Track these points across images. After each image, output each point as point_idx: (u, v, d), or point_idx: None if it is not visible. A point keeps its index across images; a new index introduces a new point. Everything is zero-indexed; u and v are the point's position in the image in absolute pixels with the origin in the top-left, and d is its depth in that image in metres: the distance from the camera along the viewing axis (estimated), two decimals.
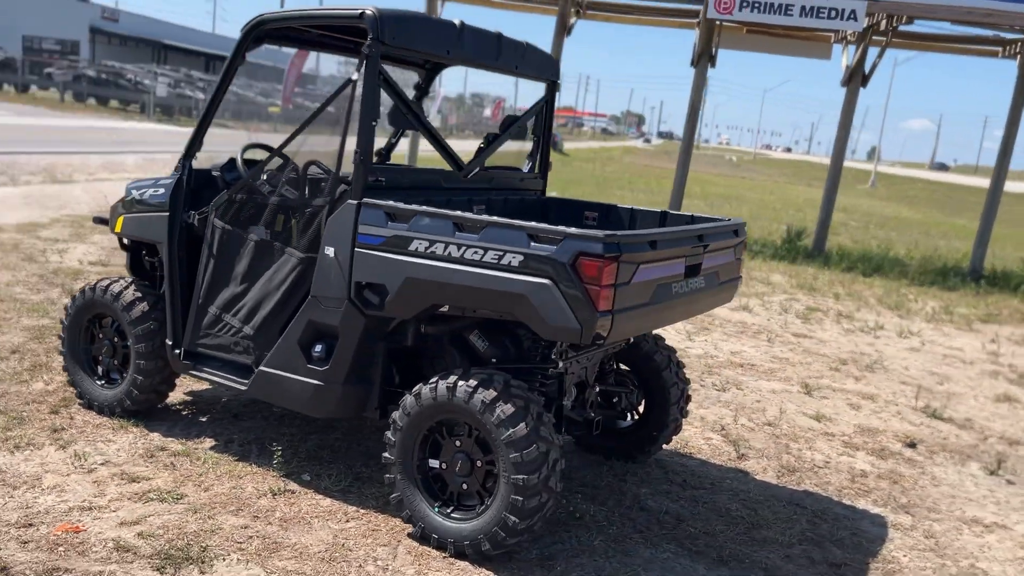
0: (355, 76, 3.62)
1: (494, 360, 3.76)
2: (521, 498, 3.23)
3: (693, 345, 7.51)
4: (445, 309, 3.66)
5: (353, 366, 3.70)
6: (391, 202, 3.51)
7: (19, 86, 36.68)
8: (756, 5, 13.28)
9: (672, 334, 7.77)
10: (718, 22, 14.18)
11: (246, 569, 3.17)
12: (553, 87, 4.72)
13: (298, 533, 3.48)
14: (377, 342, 3.76)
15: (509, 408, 3.27)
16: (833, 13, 13.11)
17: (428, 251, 3.36)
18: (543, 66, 4.62)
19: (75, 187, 13.12)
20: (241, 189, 4.00)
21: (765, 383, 6.59)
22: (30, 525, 3.30)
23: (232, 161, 4.26)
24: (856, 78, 14.15)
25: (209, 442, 4.29)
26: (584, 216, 4.73)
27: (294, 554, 3.31)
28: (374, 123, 3.61)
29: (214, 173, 4.25)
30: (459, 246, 3.29)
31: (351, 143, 3.60)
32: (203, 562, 3.17)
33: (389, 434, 3.52)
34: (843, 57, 14.88)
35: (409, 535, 3.53)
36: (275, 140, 4.26)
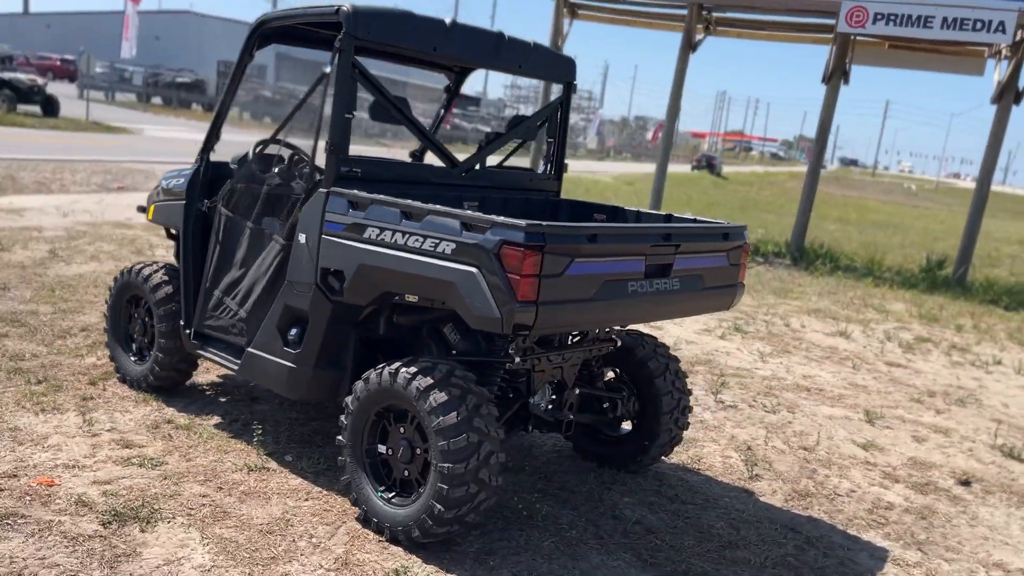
0: (327, 69, 3.77)
1: (463, 353, 3.78)
2: (447, 487, 3.23)
3: (763, 367, 7.17)
4: (414, 299, 3.71)
5: (323, 351, 3.83)
6: (354, 191, 3.62)
7: (206, 105, 40.04)
8: (892, 18, 12.58)
9: (745, 355, 7.47)
10: (853, 37, 13.54)
11: (184, 532, 3.34)
12: (569, 88, 4.70)
13: (252, 506, 3.63)
14: (348, 329, 3.87)
15: (442, 396, 3.28)
16: (979, 25, 12.23)
17: (378, 238, 3.45)
18: (554, 67, 4.61)
19: None
20: (241, 179, 4.24)
21: (826, 408, 6.20)
22: (14, 476, 3.62)
23: (247, 154, 4.52)
24: (1008, 95, 13.08)
25: (216, 420, 4.54)
26: (592, 217, 4.66)
27: (237, 524, 3.46)
28: (348, 116, 3.74)
29: (232, 165, 4.52)
30: (403, 234, 3.36)
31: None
32: (147, 522, 3.37)
33: (343, 417, 3.62)
34: (995, 73, 13.79)
35: (356, 518, 3.60)
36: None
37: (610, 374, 4.52)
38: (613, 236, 3.36)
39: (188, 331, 4.45)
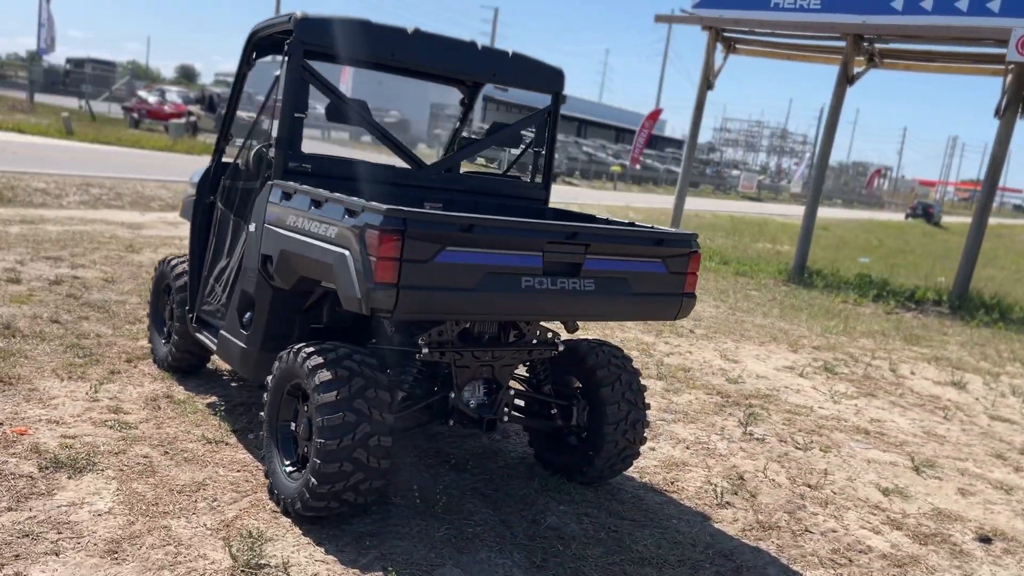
0: (277, 72, 4.07)
1: (382, 341, 3.92)
2: (319, 462, 3.37)
3: (829, 407, 6.69)
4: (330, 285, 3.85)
5: (268, 334, 4.10)
6: (289, 183, 3.88)
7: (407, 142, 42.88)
8: None
9: (814, 394, 7.01)
10: None
11: (105, 483, 3.69)
12: (557, 98, 4.74)
13: (183, 470, 3.93)
14: (293, 315, 4.12)
15: (326, 375, 3.44)
16: None
17: (294, 225, 3.68)
18: (537, 76, 4.66)
19: None
20: (229, 176, 4.64)
21: (874, 452, 5.70)
22: (1, 424, 4.15)
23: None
24: None
25: (211, 399, 4.93)
26: None
27: (157, 482, 3.77)
28: (299, 115, 4.02)
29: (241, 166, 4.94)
30: (310, 220, 3.57)
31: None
32: (78, 470, 3.75)
33: (265, 394, 3.85)
34: None
35: (267, 488, 3.81)
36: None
37: (578, 384, 4.46)
38: (495, 228, 3.38)
39: (191, 316, 4.89)
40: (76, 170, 14.62)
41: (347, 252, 3.26)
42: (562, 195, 20.92)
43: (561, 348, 4.20)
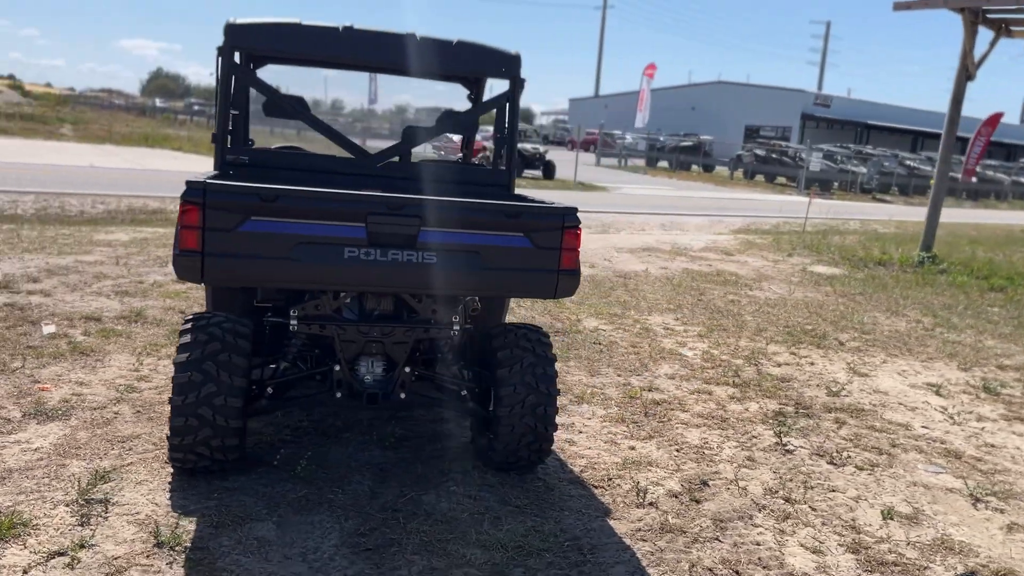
0: (210, 73, 4.52)
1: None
2: (171, 415, 3.72)
3: (952, 430, 5.67)
4: None
5: (215, 309, 4.55)
6: (206, 178, 4.29)
7: (705, 166, 42.07)
8: None
9: (933, 416, 5.97)
10: None
11: (59, 430, 4.35)
12: (514, 83, 4.68)
13: (134, 426, 4.49)
14: (231, 294, 4.52)
15: (185, 339, 3.79)
16: None
17: None
18: (488, 63, 4.63)
19: (625, 234, 15.36)
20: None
21: (943, 478, 4.77)
22: (37, 381, 5.04)
23: None
24: None
25: None
26: None
27: (103, 433, 4.36)
28: (234, 112, 4.45)
29: None
30: None
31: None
32: (49, 419, 4.46)
33: None
34: None
35: None
36: None
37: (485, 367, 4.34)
38: (304, 199, 3.50)
39: None
40: None
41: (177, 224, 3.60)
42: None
43: (456, 329, 4.14)
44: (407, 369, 4.16)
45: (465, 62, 4.61)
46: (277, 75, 6.06)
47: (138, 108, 57.13)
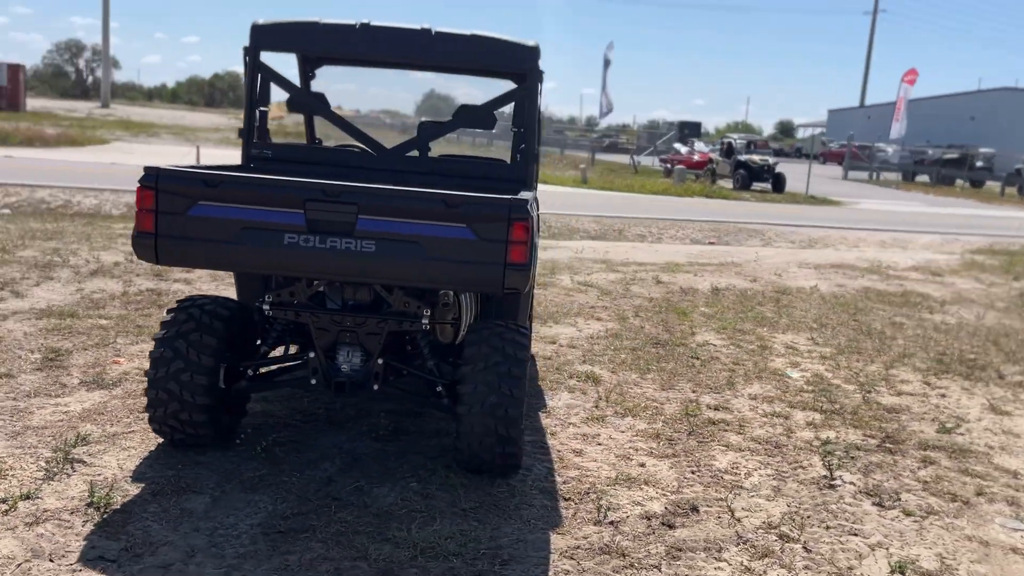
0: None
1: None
2: (146, 387, 3.98)
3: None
4: None
5: (240, 294, 4.82)
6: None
7: (974, 182, 37.87)
8: None
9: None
10: None
11: (99, 398, 4.78)
12: (533, 75, 4.52)
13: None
14: (252, 279, 4.75)
15: (166, 317, 4.04)
16: None
17: None
18: (504, 56, 4.50)
19: (828, 250, 14.44)
20: None
21: (998, 536, 3.96)
22: (118, 355, 5.58)
23: None
24: None
25: None
26: None
27: (122, 403, 4.74)
28: (263, 109, 4.67)
29: None
30: None
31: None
32: (96, 387, 4.92)
33: None
34: None
35: None
36: None
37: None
38: (245, 184, 3.60)
39: None
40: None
41: None
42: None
43: (425, 322, 4.05)
44: (379, 361, 4.14)
45: (480, 56, 4.52)
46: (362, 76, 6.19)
47: None
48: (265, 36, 4.57)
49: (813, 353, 7.02)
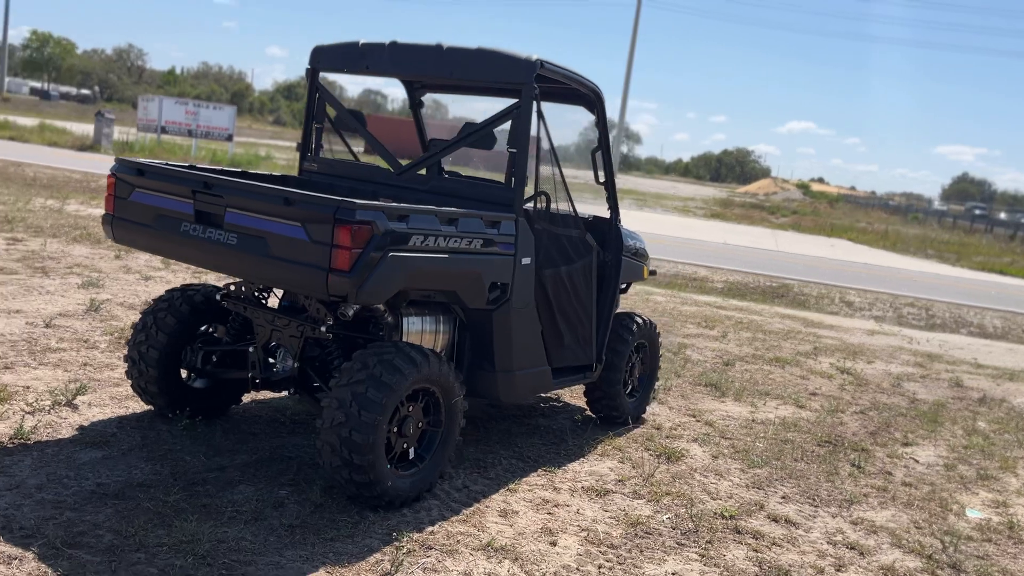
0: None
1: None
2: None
3: None
4: None
5: None
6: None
7: None
8: None
9: None
10: None
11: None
12: (522, 92, 4.17)
13: None
14: None
15: (155, 298, 4.45)
16: None
17: None
18: (504, 70, 4.24)
19: None
20: None
21: None
22: None
23: None
24: None
25: None
26: None
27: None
28: (318, 126, 4.94)
29: None
30: None
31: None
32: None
33: None
34: None
35: None
36: None
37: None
38: (157, 174, 3.90)
39: None
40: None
41: None
42: None
43: (324, 329, 3.89)
44: (294, 364, 4.10)
45: (483, 70, 4.32)
46: None
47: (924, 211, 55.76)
48: (322, 58, 4.81)
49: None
